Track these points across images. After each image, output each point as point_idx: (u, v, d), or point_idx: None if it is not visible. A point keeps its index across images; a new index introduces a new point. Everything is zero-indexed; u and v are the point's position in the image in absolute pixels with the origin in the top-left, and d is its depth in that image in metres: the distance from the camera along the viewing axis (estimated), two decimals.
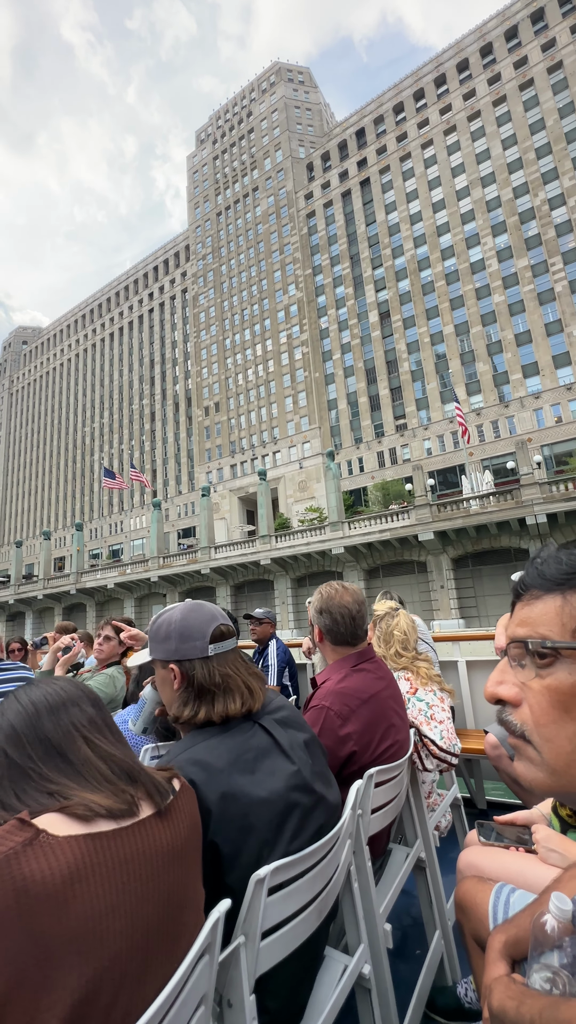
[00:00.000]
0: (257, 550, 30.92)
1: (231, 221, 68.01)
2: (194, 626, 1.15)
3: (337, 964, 1.18)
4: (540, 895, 0.85)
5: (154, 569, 35.43)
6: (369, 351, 52.26)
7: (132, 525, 68.42)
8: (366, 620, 1.78)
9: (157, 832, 0.72)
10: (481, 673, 3.36)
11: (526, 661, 0.64)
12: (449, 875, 1.57)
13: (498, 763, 2.39)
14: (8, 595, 45.68)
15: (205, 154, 73.87)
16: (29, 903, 0.54)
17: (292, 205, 61.18)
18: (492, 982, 0.75)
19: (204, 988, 0.72)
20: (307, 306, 57.26)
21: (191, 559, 34.07)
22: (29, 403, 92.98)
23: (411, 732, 1.76)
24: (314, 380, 55.08)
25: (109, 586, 38.04)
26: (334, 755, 1.47)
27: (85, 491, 77.42)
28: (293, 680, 4.14)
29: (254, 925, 0.84)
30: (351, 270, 55.14)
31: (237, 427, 60.85)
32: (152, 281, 77.25)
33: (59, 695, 0.78)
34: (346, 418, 52.50)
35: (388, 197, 53.88)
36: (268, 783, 1.02)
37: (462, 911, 1.17)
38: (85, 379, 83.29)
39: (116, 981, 0.58)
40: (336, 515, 28.22)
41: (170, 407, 69.51)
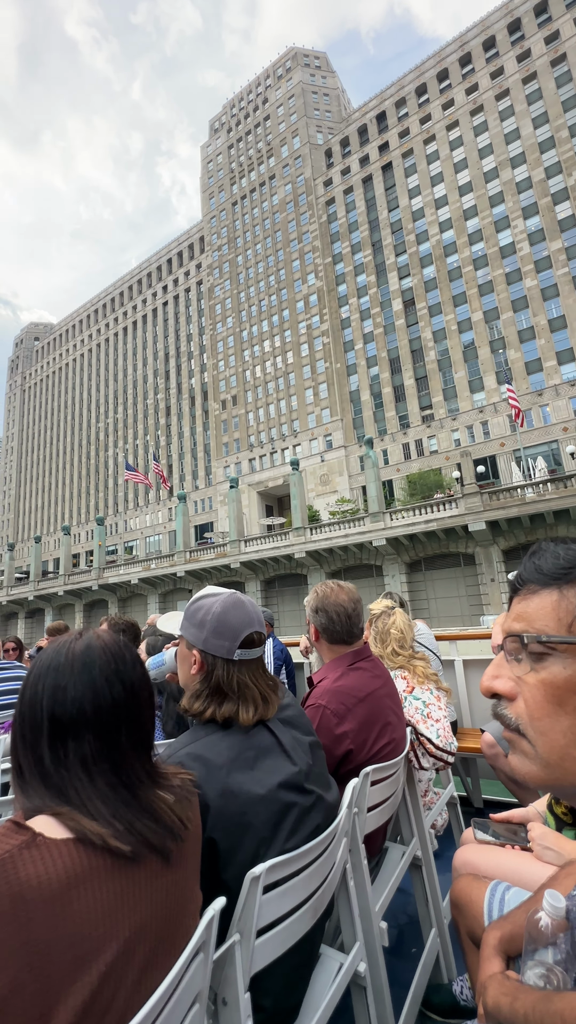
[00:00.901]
0: (291, 543, 29.65)
1: (247, 210, 66.65)
2: (230, 625, 1.12)
3: (333, 962, 1.18)
4: (535, 893, 0.86)
5: (180, 564, 34.28)
6: (393, 340, 50.78)
7: (148, 521, 67.48)
8: (362, 619, 1.77)
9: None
10: (478, 672, 3.32)
11: (522, 656, 0.65)
12: (445, 873, 1.55)
13: (494, 762, 2.42)
14: (27, 591, 44.80)
15: (219, 143, 72.53)
16: (25, 908, 0.53)
17: (310, 192, 59.73)
18: (487, 979, 0.75)
19: (199, 986, 0.72)
20: (327, 295, 55.84)
21: (219, 553, 32.88)
22: (42, 399, 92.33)
23: (407, 730, 1.75)
24: (335, 371, 53.69)
25: (133, 581, 36.97)
26: (330, 753, 1.47)
27: (99, 487, 76.59)
28: (290, 679, 4.10)
29: (249, 923, 0.84)
30: (373, 257, 53.64)
31: (255, 420, 59.62)
32: (166, 274, 76.12)
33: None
34: (369, 409, 51.09)
35: (411, 181, 52.29)
36: (267, 781, 1.02)
37: (458, 909, 1.17)
38: (98, 374, 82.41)
39: (114, 985, 0.57)
40: (377, 505, 26.87)
41: (186, 401, 68.41)
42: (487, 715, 3.13)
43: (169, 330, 73.29)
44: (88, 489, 78.40)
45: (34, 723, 0.68)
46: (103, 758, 0.69)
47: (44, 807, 0.64)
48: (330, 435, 52.58)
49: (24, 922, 0.52)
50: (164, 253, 77.34)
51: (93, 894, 0.59)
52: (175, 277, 74.31)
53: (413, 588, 27.73)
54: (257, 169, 66.56)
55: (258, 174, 66.27)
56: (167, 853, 0.68)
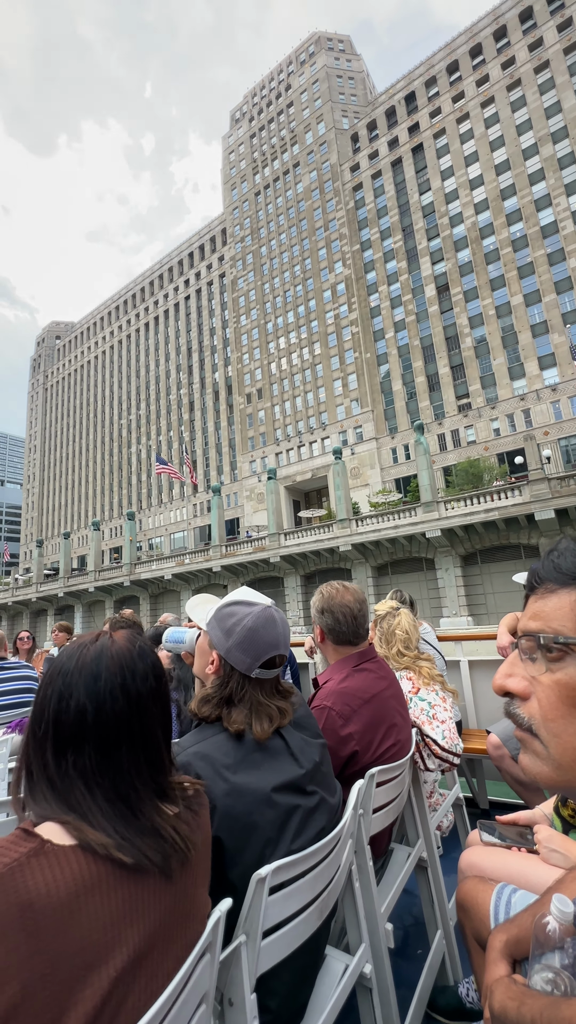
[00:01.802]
0: (335, 535, 28.29)
1: (270, 200, 65.35)
2: (258, 643, 1.12)
3: (338, 964, 1.18)
4: (541, 896, 0.86)
5: (216, 559, 33.18)
6: (426, 328, 49.01)
7: (172, 518, 66.80)
8: (367, 619, 1.77)
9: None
10: (483, 673, 3.31)
11: (537, 655, 0.64)
12: (451, 875, 1.57)
13: (500, 763, 2.44)
14: (57, 588, 44.28)
15: (241, 133, 71.32)
16: (34, 917, 0.53)
17: (337, 179, 58.15)
18: (493, 983, 0.75)
19: (205, 987, 0.72)
20: (355, 284, 54.27)
21: (257, 547, 31.68)
22: (64, 397, 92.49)
23: (413, 732, 1.74)
24: (365, 361, 52.12)
25: (166, 577, 36.02)
26: (336, 755, 1.45)
27: (122, 484, 76.23)
28: (295, 679, 4.01)
29: (255, 924, 0.84)
30: (404, 243, 51.88)
31: (281, 414, 58.35)
32: (187, 268, 75.28)
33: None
34: (402, 400, 49.42)
35: (444, 162, 50.38)
36: (273, 782, 1.02)
37: (463, 911, 1.17)
38: (120, 371, 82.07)
39: (123, 990, 0.57)
40: (430, 493, 25.35)
41: (209, 396, 67.47)
42: (493, 716, 3.13)
43: (191, 324, 72.44)
44: (111, 486, 78.12)
45: (43, 727, 0.67)
46: (102, 773, 0.67)
47: (52, 814, 0.64)
48: (360, 427, 51.05)
49: (33, 931, 0.52)
50: (185, 247, 76.51)
51: (101, 901, 0.58)
52: (197, 271, 73.40)
53: (469, 582, 26.17)
54: (280, 157, 65.19)
55: (281, 162, 64.90)
56: (169, 872, 0.67)
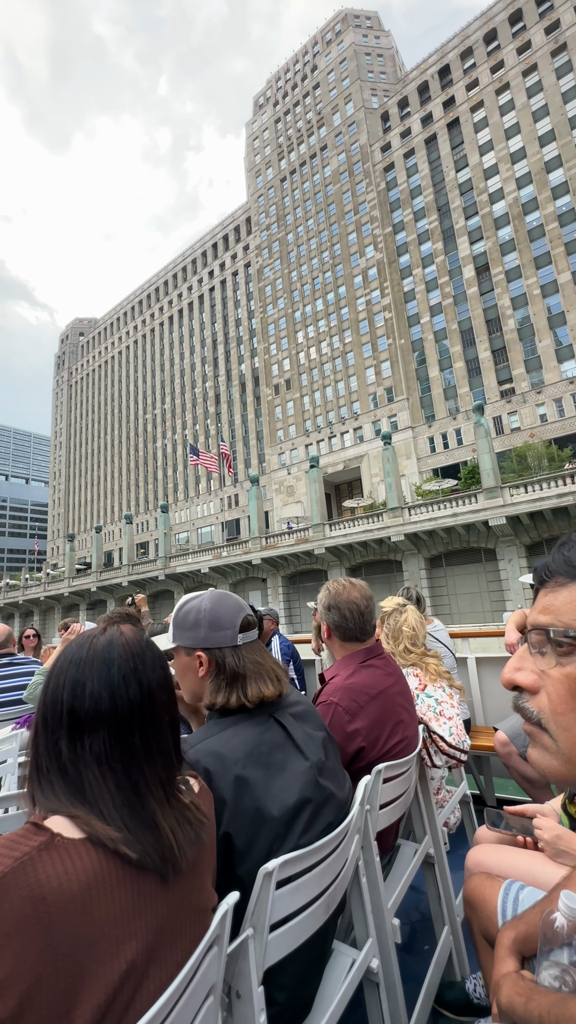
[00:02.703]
0: (385, 525, 26.81)
1: (296, 186, 63.72)
2: (224, 616, 1.17)
3: (345, 958, 1.19)
4: (549, 893, 0.86)
5: (255, 551, 32.02)
6: (464, 311, 46.91)
7: (199, 512, 66.08)
8: (374, 616, 1.78)
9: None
10: (491, 670, 3.31)
11: (546, 649, 0.63)
12: (458, 871, 1.57)
13: (508, 760, 2.46)
14: (90, 582, 43.80)
15: (265, 118, 69.76)
16: (47, 911, 0.53)
17: (367, 160, 56.20)
18: (501, 978, 0.76)
19: (213, 979, 0.73)
20: (388, 268, 52.36)
21: (300, 538, 30.40)
22: (89, 394, 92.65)
23: (420, 728, 1.75)
24: (399, 348, 50.26)
25: (203, 570, 35.04)
26: (342, 751, 1.47)
27: (148, 479, 75.87)
28: (299, 675, 4.05)
29: (262, 918, 0.85)
30: (439, 223, 49.77)
31: (311, 404, 56.90)
32: (211, 259, 74.21)
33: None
34: (439, 387, 47.46)
35: (482, 136, 48.04)
36: (281, 777, 1.03)
37: (471, 907, 1.18)
38: (144, 365, 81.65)
39: (134, 983, 0.58)
40: (492, 479, 23.67)
41: (236, 388, 66.39)
42: (500, 713, 3.10)
43: (216, 316, 71.40)
44: (137, 482, 77.86)
45: (55, 716, 0.68)
46: (116, 758, 0.68)
47: (60, 808, 0.64)
48: (395, 416, 49.28)
49: (46, 924, 0.53)
50: (208, 238, 75.43)
51: (111, 895, 0.59)
52: (221, 261, 72.27)
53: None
54: (307, 141, 63.46)
55: (308, 146, 63.17)
56: (165, 874, 0.66)
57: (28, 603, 51.86)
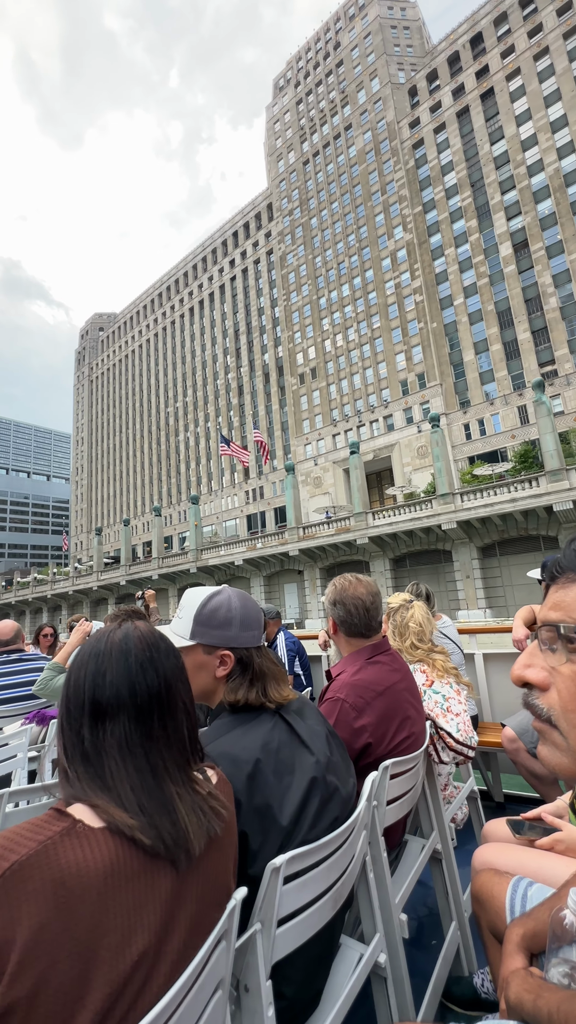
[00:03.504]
0: (435, 512, 25.34)
1: (320, 168, 61.89)
2: (253, 616, 1.18)
3: (353, 953, 1.20)
4: (558, 890, 0.87)
5: (293, 542, 30.82)
6: (501, 290, 44.79)
7: (222, 506, 65.21)
8: (380, 612, 1.78)
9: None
10: (498, 666, 3.30)
11: (557, 645, 0.62)
12: (465, 867, 1.57)
13: (515, 756, 2.46)
14: (119, 576, 43.23)
15: (286, 100, 67.94)
16: (66, 896, 0.55)
17: (394, 137, 54.12)
18: (510, 975, 0.76)
19: (221, 973, 0.74)
20: (418, 249, 50.39)
21: (341, 528, 29.09)
22: (110, 388, 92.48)
23: (427, 724, 1.75)
24: (431, 331, 48.36)
25: (237, 563, 34.01)
26: (349, 747, 1.48)
27: (171, 473, 75.31)
28: (305, 671, 4.07)
29: (270, 912, 0.86)
30: (473, 200, 47.59)
31: (338, 393, 55.36)
32: (232, 248, 72.88)
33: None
34: (474, 371, 45.50)
35: (519, 106, 45.63)
36: (290, 774, 1.05)
37: (479, 903, 1.18)
38: (165, 359, 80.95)
39: (143, 973, 0.59)
40: (556, 460, 22.02)
41: (259, 379, 65.13)
42: (508, 709, 3.11)
43: (238, 306, 70.14)
44: (159, 476, 77.40)
45: (78, 705, 0.72)
46: (135, 743, 0.71)
47: (83, 795, 0.67)
48: (427, 403, 47.45)
49: (65, 908, 0.54)
50: (228, 227, 74.08)
51: (127, 886, 0.60)
52: (242, 250, 70.89)
53: None
54: (330, 121, 61.52)
55: (331, 127, 61.24)
56: (177, 862, 0.67)
57: (56, 598, 51.72)
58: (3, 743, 2.45)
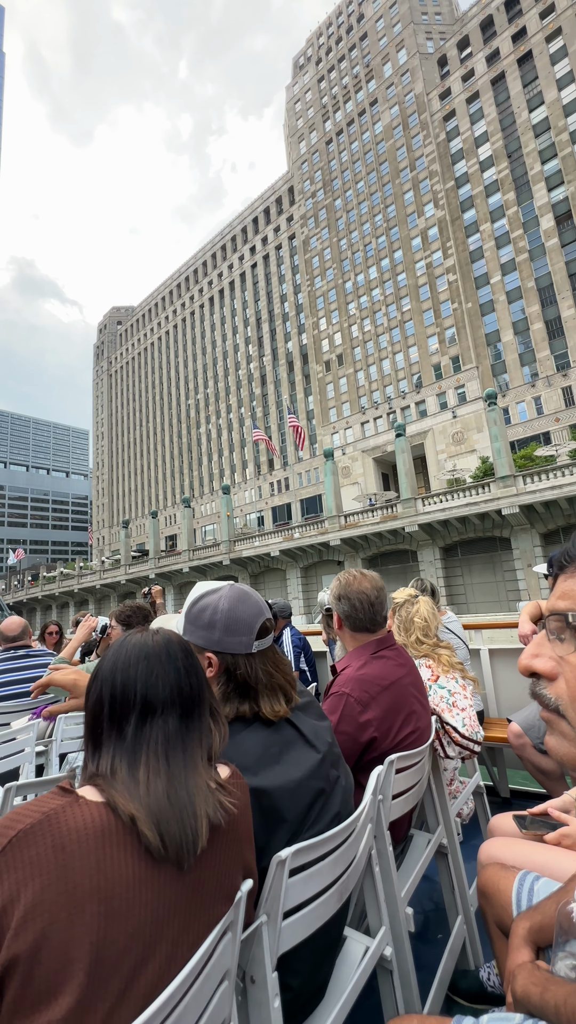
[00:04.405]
0: (494, 496, 23.68)
1: (344, 147, 59.81)
2: (242, 620, 1.12)
3: (359, 946, 1.21)
4: (565, 884, 0.87)
5: (334, 531, 29.38)
6: (542, 266, 42.46)
7: (246, 498, 64.03)
8: (385, 606, 1.79)
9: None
10: (503, 661, 3.30)
11: (565, 635, 0.62)
12: (471, 861, 1.59)
13: (522, 752, 2.46)
14: (148, 569, 42.35)
15: (307, 79, 65.85)
16: (65, 858, 0.58)
17: (423, 110, 51.81)
18: (516, 968, 0.76)
19: (227, 964, 0.75)
20: (451, 226, 48.19)
21: (387, 515, 27.56)
22: (129, 382, 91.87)
23: (432, 719, 1.75)
24: (466, 312, 46.26)
25: (273, 554, 32.74)
26: (355, 741, 1.50)
27: (192, 466, 74.42)
28: (311, 667, 4.09)
29: (276, 905, 0.87)
30: (510, 171, 45.21)
31: (366, 380, 53.58)
32: (252, 234, 71.23)
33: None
34: (513, 352, 43.37)
35: (560, 68, 43.02)
36: (294, 774, 1.04)
37: (485, 897, 1.19)
38: (185, 350, 79.89)
39: (140, 950, 0.60)
40: None
41: (283, 367, 63.60)
42: (514, 705, 3.09)
43: (260, 294, 68.57)
44: (182, 469, 76.58)
45: (126, 703, 0.74)
46: (179, 737, 0.76)
47: (93, 778, 0.71)
48: (462, 387, 45.44)
49: (64, 869, 0.58)
50: (247, 213, 72.42)
51: (125, 858, 0.63)
52: (263, 236, 69.21)
53: None
54: (354, 98, 59.34)
55: (355, 103, 59.07)
56: (180, 862, 0.68)
57: (83, 592, 51.21)
58: (11, 738, 2.48)
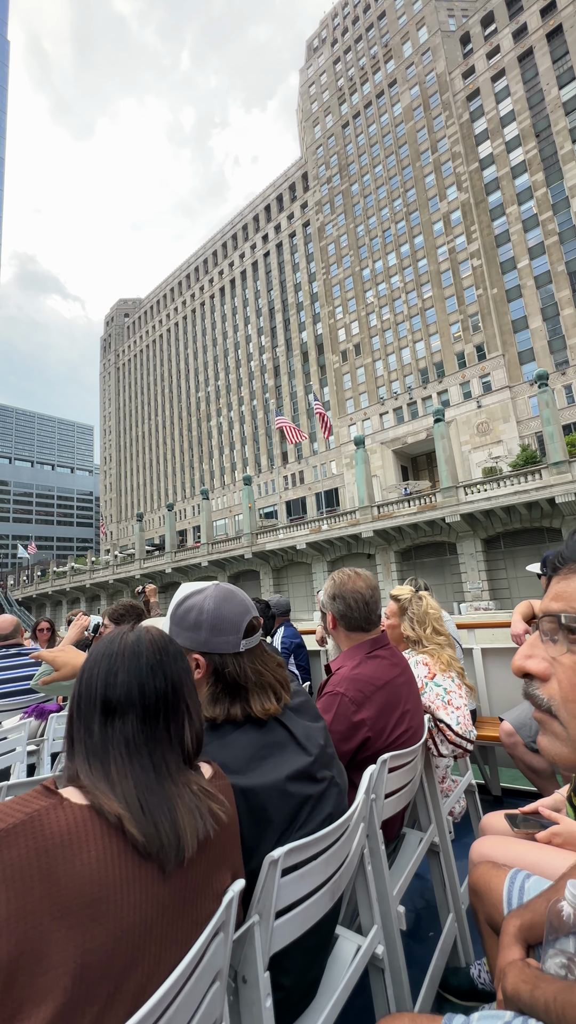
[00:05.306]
0: (546, 483, 22.24)
1: (361, 130, 58.05)
2: (228, 619, 1.11)
3: (351, 944, 1.21)
4: (556, 882, 0.88)
5: (366, 522, 27.94)
6: (573, 249, 40.80)
7: (259, 492, 62.58)
8: (379, 606, 1.79)
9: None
10: (496, 660, 3.34)
11: (558, 636, 0.63)
12: (462, 859, 1.60)
13: (513, 750, 2.47)
14: (164, 563, 41.00)
15: (322, 61, 64.02)
16: (49, 863, 0.57)
17: (445, 90, 50.04)
18: (507, 965, 0.77)
19: (219, 964, 0.75)
20: (475, 209, 46.52)
21: (425, 505, 26.12)
22: (138, 375, 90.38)
23: (425, 718, 1.77)
24: (491, 298, 44.63)
25: (299, 547, 31.33)
26: (348, 740, 1.50)
27: (203, 460, 72.99)
28: (302, 669, 4.08)
29: (268, 905, 0.87)
30: (538, 150, 43.46)
31: (385, 370, 52.01)
32: (264, 222, 69.55)
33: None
34: (541, 339, 41.74)
35: None
36: (282, 774, 1.03)
37: (476, 895, 1.19)
38: (195, 342, 78.34)
39: (129, 953, 0.60)
40: None
41: (297, 358, 62.02)
42: (506, 704, 3.13)
43: (273, 283, 66.94)
44: (192, 463, 75.14)
45: (89, 701, 0.75)
46: (142, 741, 0.74)
47: (75, 780, 0.70)
48: (487, 375, 43.88)
49: (47, 874, 0.56)
50: (259, 201, 70.71)
51: (110, 861, 0.62)
52: (276, 223, 67.52)
53: None
54: (372, 79, 57.52)
55: (373, 85, 57.27)
56: (164, 865, 0.67)
57: (95, 587, 49.95)
58: (2, 737, 2.47)
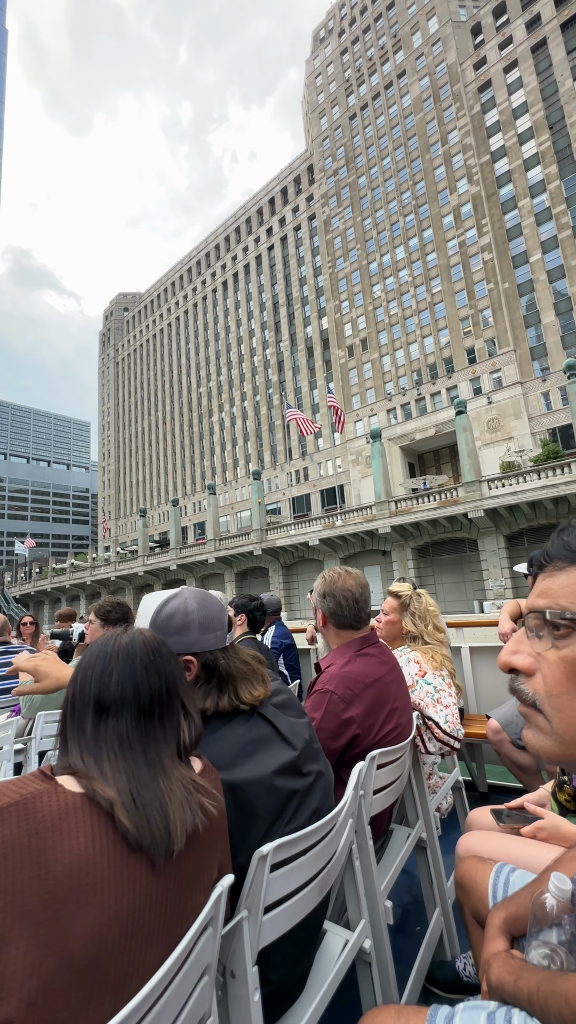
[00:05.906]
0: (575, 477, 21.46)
1: (369, 122, 57.17)
2: (213, 616, 1.15)
3: (338, 939, 1.23)
4: (540, 875, 0.90)
5: (384, 518, 27.08)
6: None
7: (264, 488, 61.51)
8: (369, 604, 1.80)
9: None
10: (484, 659, 3.40)
11: (543, 632, 0.64)
12: (449, 855, 1.64)
13: (500, 747, 2.51)
14: (169, 560, 39.94)
15: (328, 51, 63.04)
16: (39, 844, 0.58)
17: (456, 81, 49.25)
18: (491, 957, 0.78)
19: (208, 959, 0.76)
20: (486, 202, 45.78)
21: (447, 500, 25.29)
22: (137, 370, 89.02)
23: (414, 716, 1.79)
24: (503, 292, 43.92)
25: (312, 543, 30.42)
26: (337, 738, 1.52)
27: (204, 456, 71.88)
28: (291, 669, 4.04)
29: (257, 900, 0.88)
30: (552, 142, 42.77)
31: (392, 365, 51.19)
32: (268, 216, 68.50)
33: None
34: (554, 333, 41.07)
35: None
36: (268, 769, 1.05)
37: (462, 889, 1.21)
38: (196, 336, 77.16)
39: (115, 940, 0.60)
40: None
41: (301, 354, 61.08)
42: (493, 702, 3.20)
43: (277, 277, 65.92)
44: (192, 459, 74.00)
45: (83, 700, 0.76)
46: (136, 739, 0.75)
47: (69, 769, 0.71)
48: (499, 371, 43.18)
49: (38, 855, 0.57)
50: (263, 194, 69.65)
51: (100, 849, 0.62)
52: (280, 216, 66.51)
53: None
54: (380, 70, 56.64)
55: (381, 76, 56.39)
56: (153, 859, 0.68)
57: (96, 583, 48.79)
58: None
